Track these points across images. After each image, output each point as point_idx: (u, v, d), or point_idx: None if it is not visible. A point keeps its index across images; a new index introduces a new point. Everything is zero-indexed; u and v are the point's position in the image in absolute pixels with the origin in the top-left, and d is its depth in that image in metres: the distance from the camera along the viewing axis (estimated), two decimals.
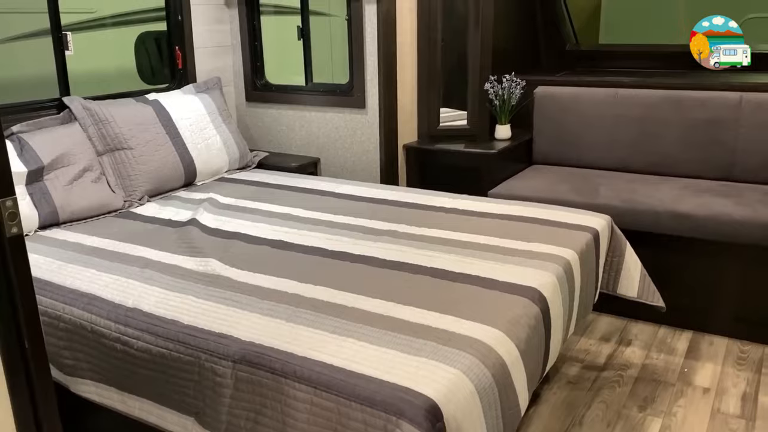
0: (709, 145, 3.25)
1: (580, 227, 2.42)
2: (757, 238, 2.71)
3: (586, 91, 3.56)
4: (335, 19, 3.99)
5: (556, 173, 3.48)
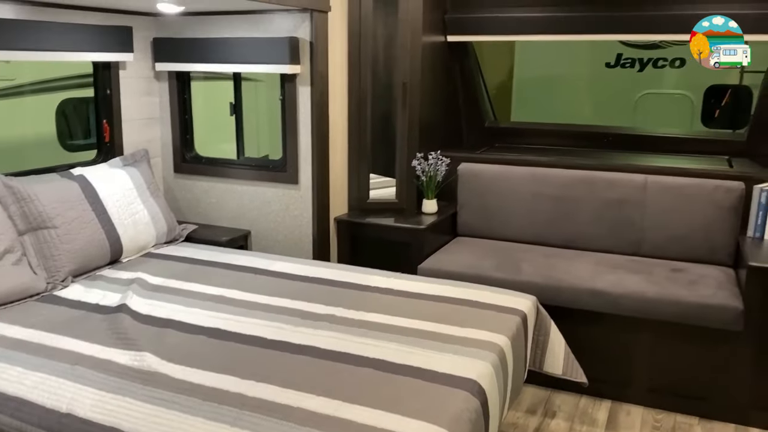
0: (619, 223, 3.51)
1: (509, 310, 2.54)
2: (667, 314, 2.93)
3: (506, 168, 3.77)
4: (261, 84, 4.06)
5: (480, 246, 3.63)
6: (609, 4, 3.63)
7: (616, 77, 6.65)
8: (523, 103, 6.23)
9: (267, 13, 3.32)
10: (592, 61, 6.68)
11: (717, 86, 6.27)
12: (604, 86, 6.66)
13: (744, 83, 6.21)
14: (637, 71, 6.66)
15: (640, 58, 6.58)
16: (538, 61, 6.51)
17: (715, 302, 2.88)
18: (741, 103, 6.20)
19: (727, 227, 3.29)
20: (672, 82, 6.46)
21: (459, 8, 3.94)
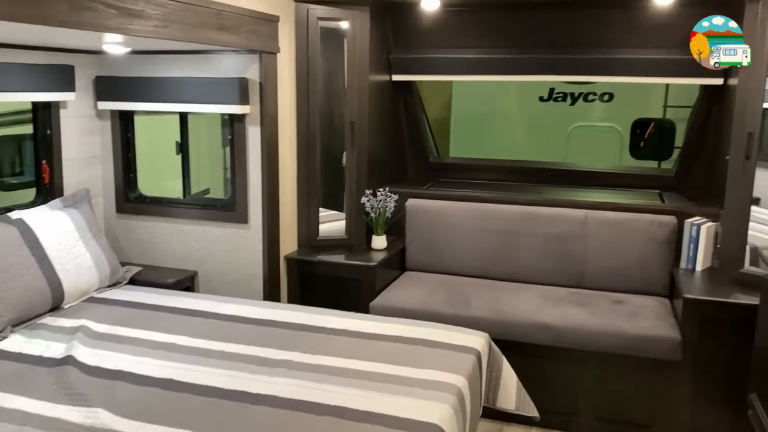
0: (562, 256, 3.64)
1: (464, 348, 2.59)
2: (610, 346, 3.06)
3: (452, 204, 3.86)
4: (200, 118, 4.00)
5: (429, 281, 3.69)
6: (540, 48, 3.81)
7: (549, 111, 6.93)
8: (461, 138, 6.39)
9: (215, 54, 3.31)
10: (526, 96, 6.94)
11: (643, 119, 6.64)
12: (539, 119, 6.92)
13: (667, 117, 6.60)
14: (569, 105, 6.96)
15: (572, 92, 6.88)
16: (475, 97, 6.73)
17: (655, 334, 3.02)
18: (665, 136, 6.58)
19: (661, 260, 3.47)
20: (602, 115, 6.78)
21: (402, 49, 4.03)
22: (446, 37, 3.96)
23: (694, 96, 6.57)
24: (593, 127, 6.92)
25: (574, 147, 6.82)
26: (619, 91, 6.68)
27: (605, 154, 6.75)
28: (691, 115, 3.98)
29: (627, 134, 6.74)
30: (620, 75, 3.87)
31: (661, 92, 6.52)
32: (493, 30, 3.89)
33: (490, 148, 6.29)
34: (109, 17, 2.17)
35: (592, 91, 6.80)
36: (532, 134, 6.92)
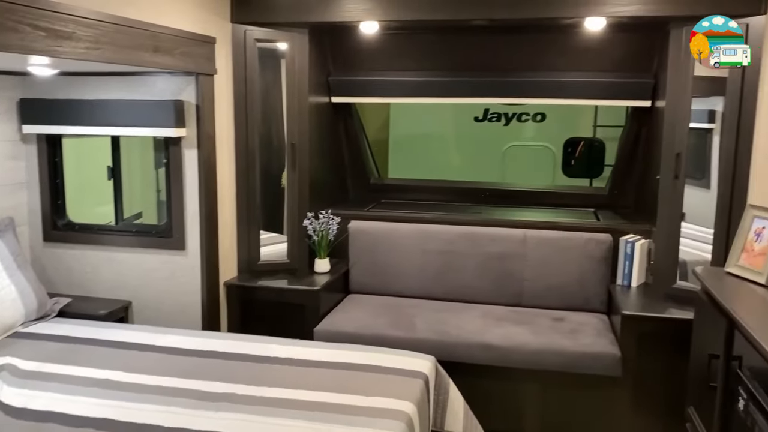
0: (502, 275, 3.68)
1: (411, 373, 2.57)
2: (552, 364, 3.10)
3: (395, 225, 3.85)
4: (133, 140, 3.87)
5: (373, 304, 3.66)
6: (476, 71, 3.88)
7: (484, 131, 7.08)
8: (399, 159, 6.43)
9: (148, 75, 3.20)
10: (462, 117, 7.06)
11: (574, 139, 6.87)
12: (475, 140, 7.06)
13: (597, 136, 6.85)
14: (504, 125, 7.13)
15: (506, 112, 7.06)
16: (412, 119, 6.80)
17: (595, 350, 3.08)
18: (595, 155, 6.82)
19: (599, 277, 3.56)
20: (535, 134, 6.97)
21: (342, 71, 4.02)
22: (385, 60, 3.98)
23: (621, 116, 6.87)
24: (527, 146, 7.11)
25: (510, 166, 6.98)
26: (551, 112, 6.89)
27: (539, 173, 6.94)
28: (622, 136, 4.13)
29: (560, 153, 6.97)
30: (553, 97, 3.98)
31: (590, 112, 6.77)
32: (431, 53, 3.94)
33: (428, 169, 6.35)
34: (37, 39, 2.06)
35: (525, 112, 6.99)
36: (469, 154, 7.04)
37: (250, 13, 3.42)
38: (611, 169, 4.25)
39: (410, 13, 3.33)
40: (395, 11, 3.33)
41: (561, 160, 6.93)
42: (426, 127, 6.99)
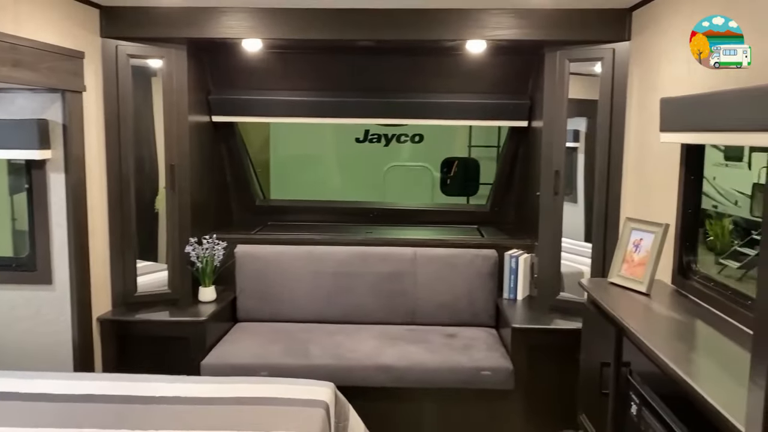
0: (394, 294, 3.67)
1: (311, 402, 2.46)
2: (448, 381, 3.12)
3: (284, 248, 3.73)
4: None
5: (263, 331, 3.50)
6: (358, 91, 3.88)
7: (365, 152, 7.12)
8: (280, 180, 6.31)
9: (6, 92, 2.88)
10: (343, 137, 7.06)
11: (450, 159, 7.09)
12: (356, 160, 7.08)
13: (472, 156, 7.12)
14: (384, 146, 7.21)
15: (386, 133, 7.14)
16: (294, 139, 6.71)
17: (488, 365, 3.14)
18: (470, 174, 7.08)
19: (486, 291, 3.65)
20: (414, 155, 7.11)
21: (222, 89, 3.87)
22: (268, 79, 3.88)
23: (494, 136, 7.17)
24: (407, 167, 7.24)
25: (391, 186, 7.06)
26: (429, 133, 7.07)
27: (419, 192, 7.08)
28: (501, 155, 4.29)
29: (437, 173, 7.16)
30: (435, 118, 4.07)
31: (465, 133, 7.02)
32: (315, 73, 3.89)
33: (310, 190, 6.28)
34: None
35: (404, 133, 7.12)
36: (351, 174, 7.05)
37: (122, 27, 3.19)
38: (492, 187, 4.39)
39: (295, 31, 3.27)
40: (280, 29, 3.26)
41: (439, 180, 7.14)
42: (307, 148, 6.93)
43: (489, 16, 3.19)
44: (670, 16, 2.64)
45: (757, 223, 3.48)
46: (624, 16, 3.12)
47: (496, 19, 3.19)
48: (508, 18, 3.18)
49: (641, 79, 2.99)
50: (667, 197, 2.62)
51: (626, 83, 3.12)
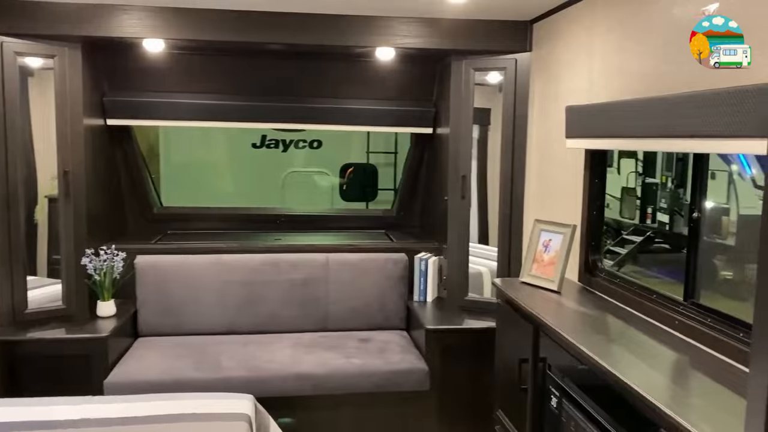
0: (307, 301, 3.63)
1: (232, 416, 2.38)
2: (366, 386, 3.12)
3: (188, 258, 3.58)
4: None
5: (169, 346, 3.34)
6: (263, 96, 3.79)
7: (263, 157, 7.00)
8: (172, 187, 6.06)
9: None
10: (239, 142, 6.90)
11: (348, 165, 7.13)
12: (253, 166, 6.93)
13: (370, 162, 7.20)
14: (282, 151, 7.12)
15: (283, 139, 7.06)
16: (184, 144, 6.47)
17: (404, 367, 3.18)
18: (368, 180, 7.16)
19: (397, 295, 3.70)
20: (314, 161, 7.08)
21: (118, 91, 3.65)
22: (168, 81, 3.72)
23: (391, 143, 7.28)
24: (306, 172, 7.19)
25: (290, 192, 6.98)
26: (327, 139, 7.07)
27: (319, 198, 7.06)
28: (407, 161, 4.36)
29: (336, 178, 7.18)
30: (342, 123, 4.08)
31: (363, 139, 7.08)
32: (218, 76, 3.77)
33: (204, 197, 6.07)
34: None
35: (303, 138, 7.07)
36: (247, 181, 6.88)
37: (10, 22, 2.95)
38: (398, 192, 4.45)
39: (200, 32, 3.17)
40: (185, 30, 3.14)
41: (338, 185, 7.16)
42: (200, 154, 6.70)
43: (398, 24, 3.24)
44: (572, 28, 2.81)
45: (624, 223, 3.82)
46: (525, 28, 3.28)
47: (405, 27, 3.25)
48: (416, 26, 3.25)
49: (543, 89, 3.16)
50: (572, 200, 2.78)
51: (528, 92, 3.28)
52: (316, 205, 6.81)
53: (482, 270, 3.65)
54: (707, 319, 1.91)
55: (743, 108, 1.56)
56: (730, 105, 1.60)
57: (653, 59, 2.19)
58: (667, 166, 4.57)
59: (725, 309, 1.94)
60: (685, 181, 4.36)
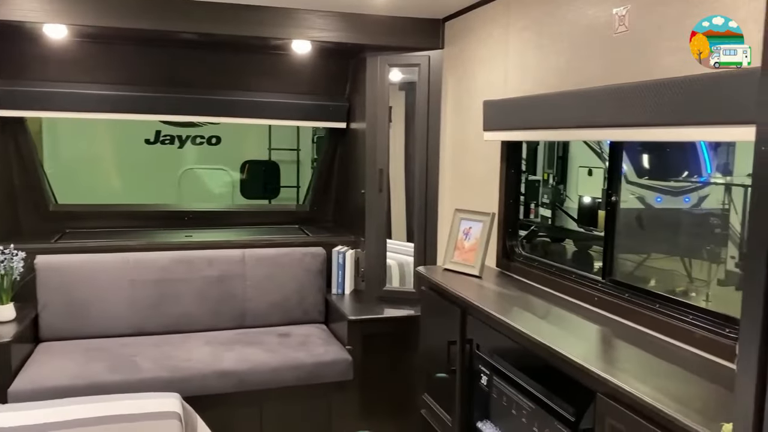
0: (223, 299, 3.54)
1: (163, 415, 2.31)
2: (291, 379, 3.11)
3: (93, 257, 3.39)
4: None
5: (77, 350, 3.14)
6: (161, 87, 3.66)
7: (157, 153, 6.73)
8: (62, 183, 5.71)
9: None
10: (131, 138, 6.61)
11: (250, 161, 7.02)
12: (147, 162, 6.65)
13: (272, 159, 7.13)
14: (178, 148, 6.89)
15: (179, 135, 6.83)
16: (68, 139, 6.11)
17: (329, 359, 3.20)
18: (270, 176, 7.08)
19: (316, 288, 3.70)
20: (215, 157, 6.90)
21: (10, 80, 3.39)
22: (68, 70, 3.50)
23: (294, 139, 7.25)
24: (204, 169, 6.99)
25: (187, 190, 6.76)
26: (226, 135, 6.92)
27: (218, 197, 6.89)
28: (320, 155, 4.38)
29: (237, 175, 7.04)
30: (255, 117, 4.01)
31: (265, 136, 7.00)
32: (125, 65, 3.61)
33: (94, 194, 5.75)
34: None
35: (200, 134, 6.88)
36: (141, 178, 6.58)
37: None
38: (310, 187, 4.44)
39: (107, 18, 3.01)
40: (89, 15, 2.98)
41: (239, 183, 7.02)
42: (87, 149, 6.35)
43: (316, 17, 3.25)
44: (487, 26, 2.96)
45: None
46: (438, 26, 3.40)
47: (322, 21, 3.26)
48: (333, 21, 3.27)
49: (457, 84, 3.29)
50: (489, 189, 2.92)
51: (441, 88, 3.40)
52: (215, 202, 6.65)
53: (390, 263, 3.73)
54: (625, 294, 2.10)
55: (645, 101, 1.77)
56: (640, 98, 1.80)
57: (568, 56, 2.36)
58: (549, 163, 4.90)
59: None
60: (566, 178, 4.71)
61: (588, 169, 4.55)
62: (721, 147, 3.56)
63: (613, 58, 2.09)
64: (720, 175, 3.67)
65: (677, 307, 1.90)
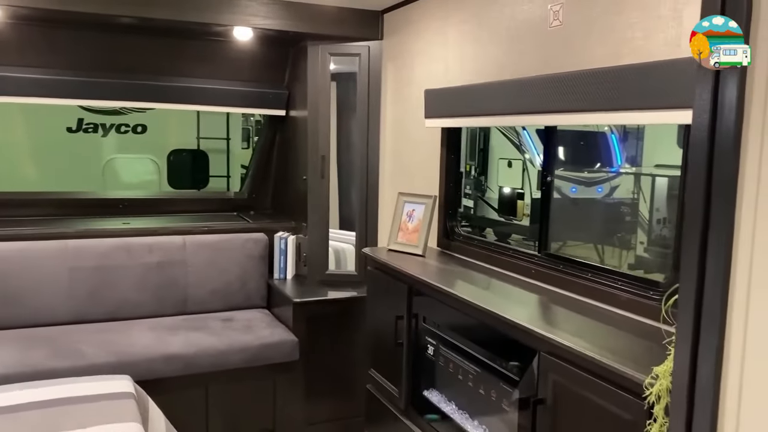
0: (164, 285, 3.54)
1: (118, 395, 2.34)
2: (238, 361, 3.16)
3: (26, 245, 3.32)
4: None
5: (13, 338, 3.06)
6: (71, 70, 3.56)
7: (80, 142, 6.52)
8: None
9: None
10: (51, 126, 6.36)
11: (177, 150, 6.91)
12: (69, 151, 6.43)
13: (201, 148, 7.05)
14: (101, 136, 6.69)
15: (103, 123, 6.64)
16: None
17: (275, 340, 3.28)
18: (199, 166, 7.01)
19: (258, 274, 3.76)
20: (141, 146, 6.74)
21: None
22: None
23: (223, 128, 7.19)
24: (130, 158, 6.83)
25: (112, 178, 6.60)
26: (153, 123, 6.78)
27: (145, 184, 6.76)
28: (259, 142, 4.41)
29: (164, 165, 6.92)
30: (192, 103, 4.00)
31: (193, 124, 6.91)
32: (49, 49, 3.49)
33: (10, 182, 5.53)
34: None
35: (125, 123, 6.71)
36: (64, 167, 6.35)
37: None
38: (249, 174, 4.46)
39: (43, 1, 2.95)
40: None
41: (166, 172, 6.90)
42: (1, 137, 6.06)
43: (258, 4, 3.29)
44: (425, 19, 3.11)
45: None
46: (377, 18, 3.52)
47: (264, 9, 3.31)
48: (275, 8, 3.32)
49: (397, 74, 3.43)
50: (430, 174, 3.08)
51: (380, 77, 3.53)
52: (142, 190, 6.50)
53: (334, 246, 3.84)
54: (559, 265, 2.30)
55: (579, 88, 1.97)
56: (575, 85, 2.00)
57: (505, 48, 2.54)
58: (470, 155, 5.13)
59: None
60: (487, 169, 4.93)
61: (508, 160, 4.78)
62: (630, 139, 3.85)
63: (548, 51, 2.28)
64: (629, 165, 3.96)
65: (606, 275, 2.12)
